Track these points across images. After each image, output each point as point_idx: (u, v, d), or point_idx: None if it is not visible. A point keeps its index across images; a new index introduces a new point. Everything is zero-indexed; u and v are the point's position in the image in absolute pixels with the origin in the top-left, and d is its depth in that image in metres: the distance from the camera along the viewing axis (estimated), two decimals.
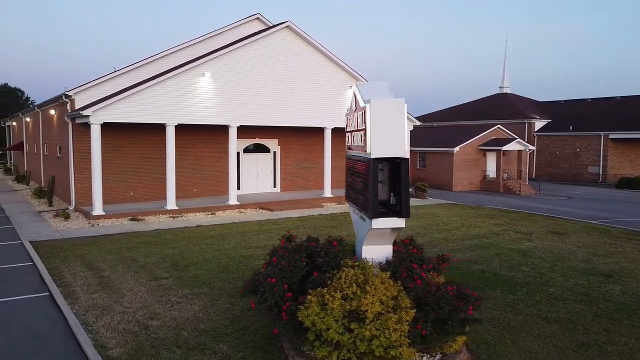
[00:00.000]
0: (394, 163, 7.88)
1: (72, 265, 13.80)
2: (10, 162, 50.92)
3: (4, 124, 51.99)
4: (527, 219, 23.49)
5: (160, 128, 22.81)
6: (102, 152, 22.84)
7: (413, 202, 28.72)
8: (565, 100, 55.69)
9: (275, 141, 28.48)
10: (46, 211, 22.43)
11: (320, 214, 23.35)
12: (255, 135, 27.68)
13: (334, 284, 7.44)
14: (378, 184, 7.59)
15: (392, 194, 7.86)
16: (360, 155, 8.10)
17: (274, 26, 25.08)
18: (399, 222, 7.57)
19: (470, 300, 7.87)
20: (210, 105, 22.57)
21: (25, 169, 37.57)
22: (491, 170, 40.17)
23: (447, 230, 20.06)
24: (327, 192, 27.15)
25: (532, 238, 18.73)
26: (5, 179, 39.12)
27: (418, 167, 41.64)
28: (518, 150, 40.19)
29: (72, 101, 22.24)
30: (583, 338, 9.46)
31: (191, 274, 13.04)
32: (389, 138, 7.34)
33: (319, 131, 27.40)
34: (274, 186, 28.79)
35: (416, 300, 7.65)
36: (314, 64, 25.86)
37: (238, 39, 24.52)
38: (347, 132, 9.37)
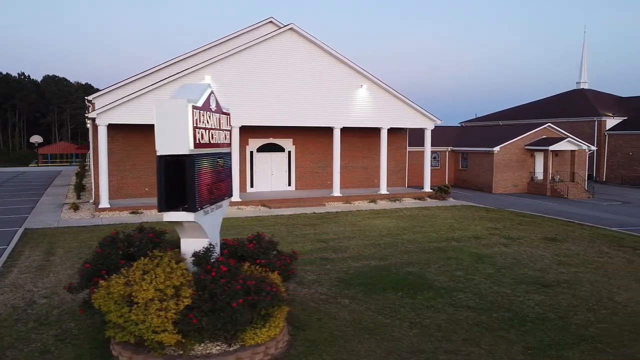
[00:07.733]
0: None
1: (36, 249, 15.61)
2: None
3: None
4: (534, 223, 21.92)
5: None
6: (120, 151, 25.22)
7: (427, 203, 27.92)
8: None
9: (290, 140, 29.17)
10: (67, 203, 25.18)
11: (314, 212, 23.65)
12: (269, 135, 28.60)
13: (122, 270, 8.03)
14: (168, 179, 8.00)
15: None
16: None
17: (279, 29, 25.82)
18: (186, 216, 7.95)
19: (261, 295, 8.03)
20: None
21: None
22: (539, 171, 37.50)
23: (424, 232, 19.42)
24: (336, 192, 27.31)
25: (511, 244, 17.61)
26: (74, 175, 43.93)
27: (460, 167, 40.03)
28: (571, 150, 37.09)
29: (93, 105, 24.68)
30: (427, 345, 9.07)
31: None
32: (172, 137, 7.75)
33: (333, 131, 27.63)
34: (289, 185, 29.50)
35: (209, 292, 7.99)
36: (320, 65, 26.17)
37: (245, 43, 25.55)
38: None
